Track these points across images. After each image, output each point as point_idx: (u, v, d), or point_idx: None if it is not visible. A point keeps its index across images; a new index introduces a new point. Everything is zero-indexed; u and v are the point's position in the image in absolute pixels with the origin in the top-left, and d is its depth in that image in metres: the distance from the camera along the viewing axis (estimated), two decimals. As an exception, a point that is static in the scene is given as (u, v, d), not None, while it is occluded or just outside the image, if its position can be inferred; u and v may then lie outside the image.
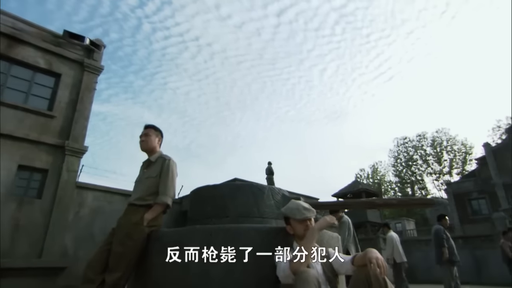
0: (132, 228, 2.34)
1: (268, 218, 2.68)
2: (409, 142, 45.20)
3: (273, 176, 12.75)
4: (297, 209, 2.01)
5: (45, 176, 7.82)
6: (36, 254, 7.21)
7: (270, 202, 2.75)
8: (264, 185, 2.90)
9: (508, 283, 7.80)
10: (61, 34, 8.77)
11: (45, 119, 8.09)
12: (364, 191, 22.12)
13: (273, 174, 12.87)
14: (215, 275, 2.01)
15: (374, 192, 24.15)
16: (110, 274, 2.21)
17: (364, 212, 19.97)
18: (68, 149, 8.09)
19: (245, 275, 1.99)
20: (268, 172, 13.02)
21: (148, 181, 2.56)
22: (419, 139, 44.52)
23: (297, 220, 1.98)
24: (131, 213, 2.44)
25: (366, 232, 18.70)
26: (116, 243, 2.32)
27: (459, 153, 41.97)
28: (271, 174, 12.91)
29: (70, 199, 7.98)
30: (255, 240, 2.08)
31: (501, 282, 10.29)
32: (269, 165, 13.27)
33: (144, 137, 2.72)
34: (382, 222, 21.93)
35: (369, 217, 20.34)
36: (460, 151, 42.01)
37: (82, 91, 8.75)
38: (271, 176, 12.78)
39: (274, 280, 1.93)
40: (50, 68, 8.47)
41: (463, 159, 41.66)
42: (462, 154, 41.82)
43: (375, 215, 21.32)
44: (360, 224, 19.48)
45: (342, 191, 23.16)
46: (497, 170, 24.07)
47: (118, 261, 2.25)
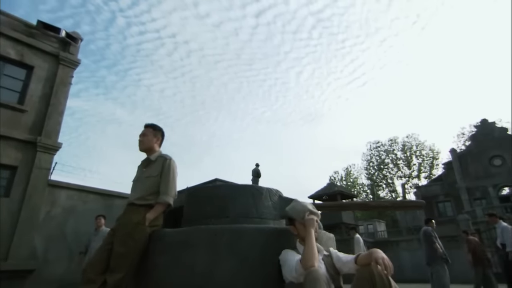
0: (134, 228, 2.32)
1: (266, 219, 2.74)
2: (381, 146, 47.02)
3: (259, 178, 12.57)
4: (303, 211, 2.06)
5: (14, 173, 7.40)
6: (2, 256, 6.81)
7: (268, 203, 2.81)
8: (262, 186, 2.95)
9: (469, 281, 8.41)
10: (34, 24, 8.35)
11: (15, 113, 7.66)
12: (340, 193, 22.73)
13: (259, 176, 12.67)
14: (220, 275, 2.04)
15: (349, 194, 24.87)
16: (111, 274, 2.18)
17: (339, 214, 20.53)
18: (40, 145, 7.71)
19: (251, 275, 2.04)
20: (255, 174, 12.86)
21: (149, 180, 2.54)
22: (391, 144, 46.45)
23: (302, 222, 2.04)
24: (132, 212, 2.41)
25: (341, 233, 19.23)
26: (118, 243, 2.29)
27: (427, 158, 44.20)
28: (258, 176, 12.70)
29: (40, 197, 7.60)
30: (259, 240, 2.13)
31: (463, 280, 11.07)
32: (256, 167, 13.11)
33: (142, 137, 2.69)
34: (356, 224, 22.67)
35: (343, 219, 20.94)
36: (428, 156, 44.26)
37: (56, 85, 8.37)
38: (257, 179, 12.62)
39: (278, 279, 1.99)
40: (22, 59, 8.03)
41: (431, 163, 43.92)
42: (429, 159, 44.07)
43: (350, 216, 21.96)
44: (335, 225, 19.99)
45: (318, 193, 23.66)
46: (461, 175, 25.62)
47: (120, 261, 2.22)
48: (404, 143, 45.45)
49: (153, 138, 2.71)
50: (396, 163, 45.32)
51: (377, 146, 47.35)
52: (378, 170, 46.24)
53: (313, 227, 1.99)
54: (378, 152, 47.06)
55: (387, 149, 46.45)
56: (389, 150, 46.19)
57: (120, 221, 2.43)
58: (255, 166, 13.25)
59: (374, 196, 44.78)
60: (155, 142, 2.73)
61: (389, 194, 45.20)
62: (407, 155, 44.88)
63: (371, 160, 47.39)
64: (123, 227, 2.34)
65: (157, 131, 2.75)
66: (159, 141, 2.77)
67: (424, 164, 44.24)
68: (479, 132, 27.18)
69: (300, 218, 2.05)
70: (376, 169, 46.64)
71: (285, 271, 1.93)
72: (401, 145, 45.53)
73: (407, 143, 45.28)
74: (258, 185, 10.71)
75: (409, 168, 44.53)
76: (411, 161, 44.51)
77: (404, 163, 44.97)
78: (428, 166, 43.94)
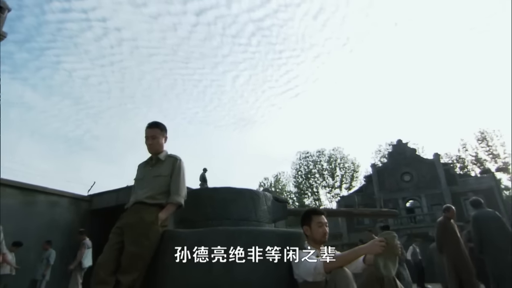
0: (148, 228, 2.30)
1: (263, 222, 2.94)
2: (310, 157, 50.46)
3: (206, 184, 12.47)
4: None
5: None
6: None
7: (264, 207, 3.01)
8: (259, 191, 3.14)
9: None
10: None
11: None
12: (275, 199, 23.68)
13: (206, 182, 12.61)
14: (237, 275, 2.18)
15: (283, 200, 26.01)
16: (125, 275, 2.13)
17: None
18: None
19: (266, 276, 2.22)
20: (202, 179, 12.78)
21: (159, 179, 2.54)
22: (319, 155, 50.18)
23: (318, 223, 2.31)
24: (143, 211, 2.37)
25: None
26: (131, 243, 2.24)
27: (348, 170, 48.88)
28: (205, 182, 12.66)
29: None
30: (273, 241, 2.32)
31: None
32: (203, 171, 13.02)
33: (151, 140, 2.65)
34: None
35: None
36: (349, 168, 48.99)
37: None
38: (204, 184, 12.54)
39: (290, 279, 2.22)
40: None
41: (351, 176, 48.70)
42: (351, 172, 48.81)
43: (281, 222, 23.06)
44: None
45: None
46: (379, 187, 29.08)
47: (134, 261, 2.19)
48: (330, 155, 49.52)
49: (162, 138, 2.71)
50: (322, 173, 49.07)
51: (306, 156, 50.69)
52: (305, 179, 49.41)
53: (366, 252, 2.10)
54: (306, 162, 50.35)
55: (314, 160, 50.01)
56: (317, 161, 49.82)
57: (128, 220, 2.37)
58: (203, 171, 13.22)
59: (300, 203, 47.71)
60: (164, 142, 2.73)
61: (313, 202, 48.59)
62: (332, 166, 48.96)
63: (299, 169, 50.45)
64: (135, 226, 2.30)
65: (163, 130, 2.74)
66: (166, 140, 2.77)
67: (346, 176, 48.77)
68: (394, 151, 31.30)
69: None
70: (303, 178, 49.77)
71: (300, 270, 2.16)
72: (328, 157, 49.51)
73: (333, 155, 49.46)
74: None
75: (333, 179, 48.62)
76: (335, 172, 48.67)
77: (329, 174, 48.95)
78: (349, 178, 48.57)
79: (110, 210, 9.98)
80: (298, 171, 50.31)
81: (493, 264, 5.04)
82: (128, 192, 9.89)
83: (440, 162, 28.64)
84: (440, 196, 26.29)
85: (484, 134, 38.00)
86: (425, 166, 28.59)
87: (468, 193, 26.05)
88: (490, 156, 37.23)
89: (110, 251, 2.27)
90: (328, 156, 49.56)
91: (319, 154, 50.13)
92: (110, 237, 2.37)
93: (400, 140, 31.36)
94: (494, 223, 5.44)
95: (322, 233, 2.33)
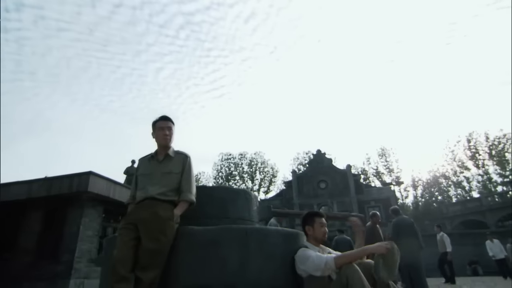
0: (165, 224, 2.30)
1: (254, 222, 3.14)
2: (232, 159, 51.42)
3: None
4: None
5: None
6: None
7: (255, 207, 3.21)
8: (251, 192, 3.33)
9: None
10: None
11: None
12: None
13: (133, 175, 11.92)
14: (251, 272, 2.35)
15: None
16: (145, 272, 2.10)
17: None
18: None
19: (276, 271, 2.45)
20: (127, 172, 12.09)
21: (169, 176, 2.54)
22: (240, 158, 51.50)
23: (320, 223, 2.64)
24: (158, 207, 2.35)
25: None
26: (149, 239, 2.21)
27: (267, 175, 51.30)
28: (132, 175, 11.96)
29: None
30: (280, 240, 2.57)
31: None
32: (132, 164, 12.29)
33: (169, 131, 2.65)
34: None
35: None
36: (268, 173, 51.45)
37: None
38: (131, 177, 11.87)
39: (294, 275, 2.49)
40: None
41: (270, 180, 51.22)
42: (270, 176, 51.30)
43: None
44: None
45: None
46: (297, 193, 31.36)
47: (154, 258, 2.17)
48: (251, 158, 51.26)
49: (174, 132, 2.71)
50: (242, 176, 50.43)
51: (228, 158, 51.52)
52: (226, 181, 50.08)
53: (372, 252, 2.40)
54: (228, 163, 51.15)
55: (236, 162, 51.15)
56: (238, 164, 51.03)
57: (142, 215, 2.33)
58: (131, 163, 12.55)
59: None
60: None
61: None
62: (252, 170, 50.74)
63: (220, 171, 50.95)
64: (152, 222, 2.28)
65: (174, 125, 2.75)
66: None
67: (265, 180, 51.07)
68: (314, 160, 34.20)
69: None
70: (224, 179, 50.40)
71: (308, 265, 2.44)
72: (249, 160, 51.16)
73: (254, 159, 51.31)
74: (130, 183, 10.31)
75: (252, 182, 50.40)
76: (255, 176, 50.56)
77: (249, 177, 50.61)
78: (268, 182, 50.98)
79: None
80: (219, 172, 50.76)
81: (407, 257, 6.20)
82: (44, 184, 8.82)
83: (352, 173, 32.37)
84: (349, 203, 29.72)
85: (384, 151, 44.35)
86: (338, 175, 31.97)
87: (370, 202, 30.09)
88: (387, 170, 43.66)
89: (126, 248, 2.21)
90: (250, 159, 51.26)
91: (241, 157, 51.47)
92: (122, 233, 2.29)
93: (320, 150, 34.41)
94: (408, 227, 6.88)
95: (323, 232, 2.67)
